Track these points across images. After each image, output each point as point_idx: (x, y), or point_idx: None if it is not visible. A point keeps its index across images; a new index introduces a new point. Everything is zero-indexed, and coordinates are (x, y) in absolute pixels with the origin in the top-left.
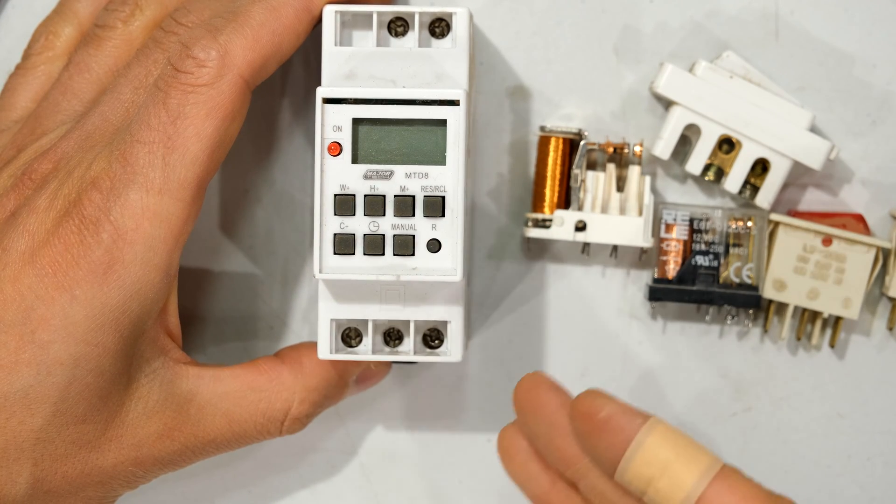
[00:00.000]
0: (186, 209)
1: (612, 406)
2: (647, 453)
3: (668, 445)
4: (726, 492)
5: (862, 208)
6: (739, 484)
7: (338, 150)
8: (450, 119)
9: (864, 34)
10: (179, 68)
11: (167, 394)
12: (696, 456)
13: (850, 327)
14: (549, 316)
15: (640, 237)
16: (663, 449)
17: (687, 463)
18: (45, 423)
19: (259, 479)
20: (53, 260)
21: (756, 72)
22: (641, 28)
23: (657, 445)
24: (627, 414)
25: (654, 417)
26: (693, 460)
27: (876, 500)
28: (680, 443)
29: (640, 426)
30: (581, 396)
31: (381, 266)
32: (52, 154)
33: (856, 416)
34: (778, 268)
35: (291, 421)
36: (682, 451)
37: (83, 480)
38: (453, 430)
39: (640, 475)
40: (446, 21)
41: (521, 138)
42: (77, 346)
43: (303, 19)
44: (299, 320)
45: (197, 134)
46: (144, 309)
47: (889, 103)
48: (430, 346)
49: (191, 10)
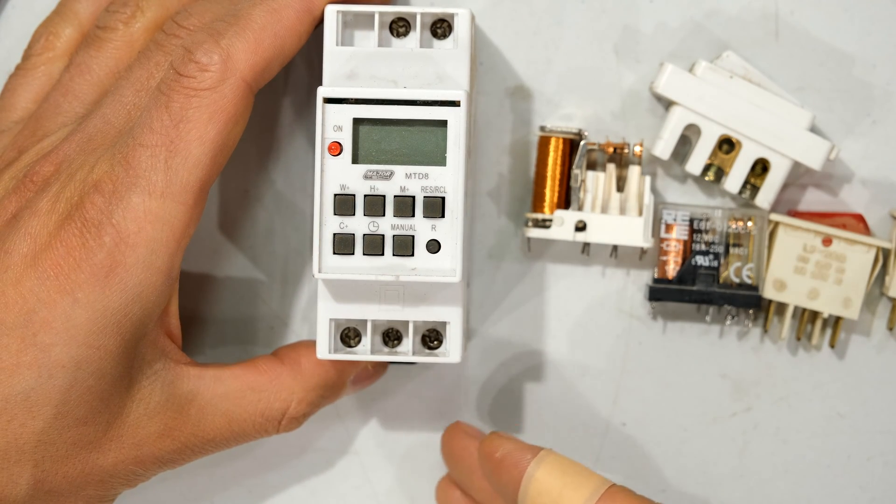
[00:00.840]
0: (188, 212)
1: (506, 445)
2: (537, 485)
3: (556, 474)
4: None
5: (862, 208)
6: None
7: (338, 149)
8: (450, 120)
9: (864, 34)
10: (182, 72)
11: (168, 395)
12: (584, 481)
13: (850, 327)
14: (549, 316)
15: (640, 237)
16: (552, 478)
17: (575, 488)
18: (47, 426)
19: (258, 478)
20: (55, 263)
21: (756, 72)
22: (641, 28)
23: (546, 475)
24: (520, 450)
25: (544, 450)
26: (580, 486)
27: (876, 500)
28: (568, 470)
29: (530, 461)
30: (484, 440)
31: (381, 266)
32: (53, 156)
33: (856, 416)
34: (778, 268)
35: (289, 420)
36: (569, 478)
37: (84, 480)
38: None
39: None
40: (448, 22)
41: (522, 138)
42: (79, 349)
43: (304, 21)
44: (299, 320)
45: (199, 138)
46: (146, 312)
47: (889, 103)
48: (430, 346)
49: (192, 12)
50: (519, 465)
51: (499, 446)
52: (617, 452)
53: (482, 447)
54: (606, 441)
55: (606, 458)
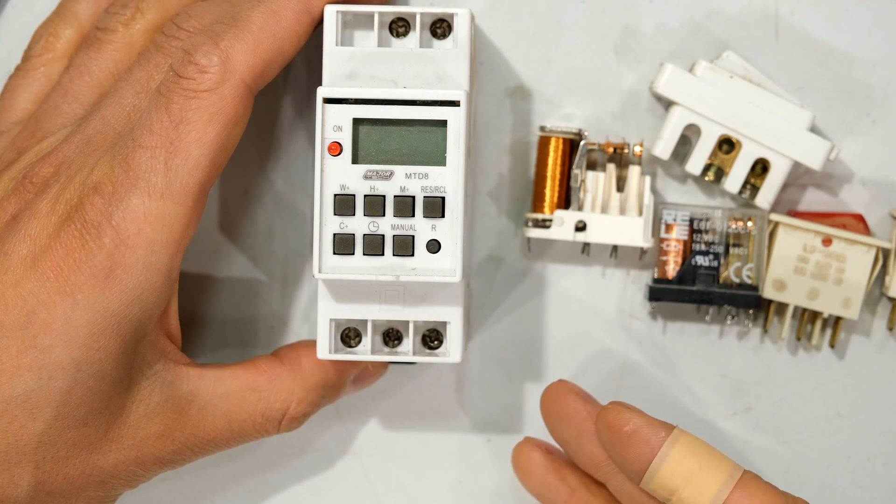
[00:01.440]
0: (188, 214)
1: (637, 419)
2: (671, 465)
3: (691, 456)
4: (746, 499)
5: (862, 208)
6: (758, 490)
7: (338, 149)
8: (450, 120)
9: (864, 34)
10: (182, 74)
11: (168, 395)
12: (719, 465)
13: (850, 327)
14: (549, 316)
15: (640, 237)
16: (687, 460)
17: (710, 472)
18: (47, 427)
19: (258, 478)
20: (55, 264)
21: (756, 72)
22: (641, 28)
23: (681, 457)
24: (652, 427)
25: (677, 429)
26: (715, 469)
27: (876, 500)
28: (703, 453)
29: (663, 439)
30: (607, 408)
31: (381, 266)
32: (53, 158)
33: (856, 416)
34: (778, 268)
35: (289, 420)
36: (704, 461)
37: (84, 481)
38: (453, 430)
39: (664, 485)
40: (448, 22)
41: (522, 138)
42: (79, 351)
43: (303, 22)
44: (299, 320)
45: (199, 139)
46: (146, 313)
47: (889, 103)
48: (430, 346)
49: (192, 14)
50: (650, 442)
51: (628, 419)
52: None
53: (606, 417)
54: None
55: None
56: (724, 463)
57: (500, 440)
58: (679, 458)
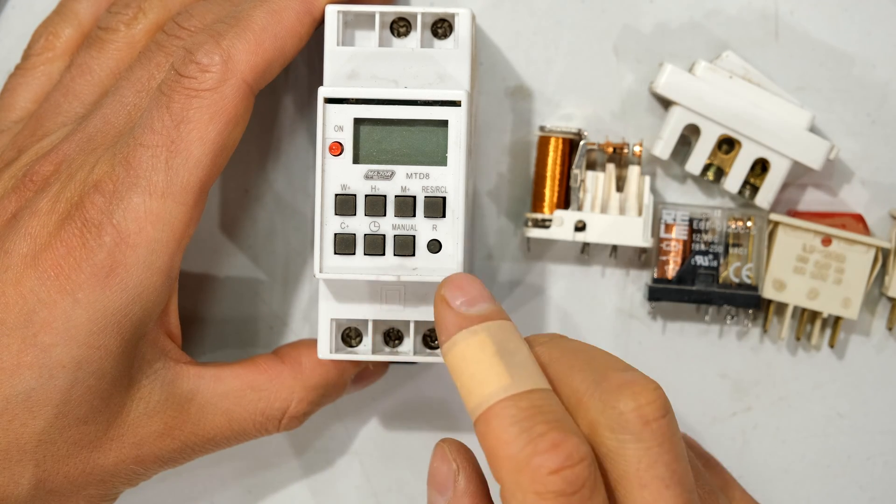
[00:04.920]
0: (189, 213)
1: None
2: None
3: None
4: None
5: (862, 208)
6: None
7: (339, 149)
8: (451, 120)
9: (864, 34)
10: (183, 73)
11: (168, 394)
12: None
13: (849, 327)
14: (549, 316)
15: (639, 237)
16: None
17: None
18: (48, 426)
19: (258, 478)
20: (55, 263)
21: (756, 72)
22: (641, 28)
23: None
24: (452, 325)
25: (478, 328)
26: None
27: (876, 500)
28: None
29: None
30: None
31: (382, 266)
32: (53, 156)
33: (856, 416)
34: (777, 268)
35: (289, 419)
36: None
37: (85, 479)
38: (453, 431)
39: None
40: (449, 22)
41: (521, 138)
42: (79, 349)
43: (304, 22)
44: (299, 320)
45: (200, 138)
46: (146, 311)
47: (889, 103)
48: (431, 346)
49: (193, 14)
50: (449, 329)
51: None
52: None
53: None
54: None
55: None
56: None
57: None
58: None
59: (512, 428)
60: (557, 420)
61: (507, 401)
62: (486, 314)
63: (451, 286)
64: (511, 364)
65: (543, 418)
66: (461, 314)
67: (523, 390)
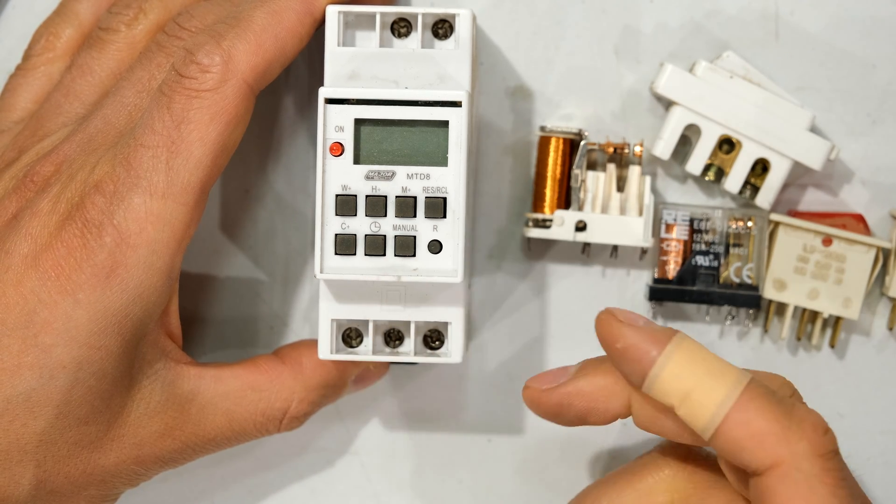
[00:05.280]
0: (189, 213)
1: (629, 336)
2: (666, 380)
3: (689, 367)
4: (751, 411)
5: (862, 208)
6: (764, 400)
7: (340, 150)
8: (452, 120)
9: (864, 34)
10: (183, 73)
11: (169, 394)
12: (722, 373)
13: (850, 327)
14: (549, 316)
15: (640, 237)
16: (684, 372)
17: (712, 382)
18: (48, 426)
19: (258, 478)
20: (56, 263)
21: (756, 72)
22: (641, 28)
23: (676, 372)
24: (644, 343)
25: (671, 344)
26: (719, 378)
27: (876, 500)
28: (702, 362)
29: (654, 359)
30: (599, 319)
31: (382, 267)
32: (54, 156)
33: (856, 416)
34: (778, 268)
35: (290, 420)
36: (704, 371)
37: (85, 480)
38: (453, 430)
39: (664, 396)
40: (449, 22)
41: (522, 138)
42: (80, 350)
43: (305, 22)
44: (300, 320)
45: (201, 138)
46: (147, 312)
47: (889, 103)
48: (431, 346)
49: (194, 14)
50: (642, 361)
51: (619, 337)
52: (617, 452)
53: (599, 331)
54: (607, 441)
55: (607, 457)
56: (728, 370)
57: (500, 440)
58: (674, 373)
59: (774, 404)
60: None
61: (752, 382)
62: (660, 327)
63: (620, 313)
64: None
65: (781, 393)
66: (650, 330)
67: (751, 376)
